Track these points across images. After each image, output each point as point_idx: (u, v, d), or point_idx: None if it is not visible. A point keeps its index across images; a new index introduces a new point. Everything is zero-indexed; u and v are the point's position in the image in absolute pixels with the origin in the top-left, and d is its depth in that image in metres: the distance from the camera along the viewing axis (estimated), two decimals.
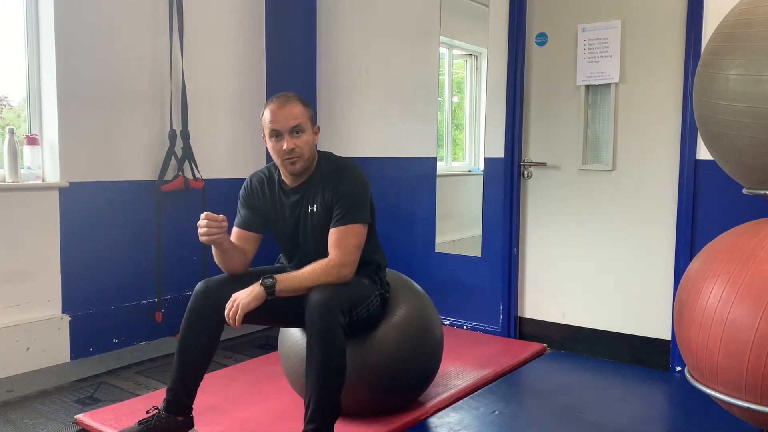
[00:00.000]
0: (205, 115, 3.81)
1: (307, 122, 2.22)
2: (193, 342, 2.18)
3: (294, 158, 2.20)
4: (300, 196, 2.29)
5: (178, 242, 3.69)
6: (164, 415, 2.17)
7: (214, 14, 3.88)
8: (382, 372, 2.32)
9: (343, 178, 2.25)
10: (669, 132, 3.08)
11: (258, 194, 2.36)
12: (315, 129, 2.28)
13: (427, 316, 2.50)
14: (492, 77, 3.56)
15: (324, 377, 1.99)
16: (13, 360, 3.01)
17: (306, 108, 2.25)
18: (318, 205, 2.25)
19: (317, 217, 2.25)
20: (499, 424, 2.44)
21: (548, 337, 3.47)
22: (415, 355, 2.40)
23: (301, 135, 2.20)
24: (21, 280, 3.07)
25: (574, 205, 3.38)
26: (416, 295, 2.53)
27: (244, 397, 2.64)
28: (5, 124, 3.22)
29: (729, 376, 1.93)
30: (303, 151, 2.20)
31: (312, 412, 1.99)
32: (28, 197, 3.08)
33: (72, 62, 3.19)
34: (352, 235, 2.19)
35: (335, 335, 2.01)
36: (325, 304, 2.02)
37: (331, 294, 2.05)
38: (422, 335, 2.44)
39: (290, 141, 2.17)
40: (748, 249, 1.97)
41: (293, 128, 2.18)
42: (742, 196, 2.38)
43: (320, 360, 1.99)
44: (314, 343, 2.01)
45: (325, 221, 2.24)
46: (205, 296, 2.18)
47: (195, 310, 2.18)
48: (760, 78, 1.94)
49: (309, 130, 2.23)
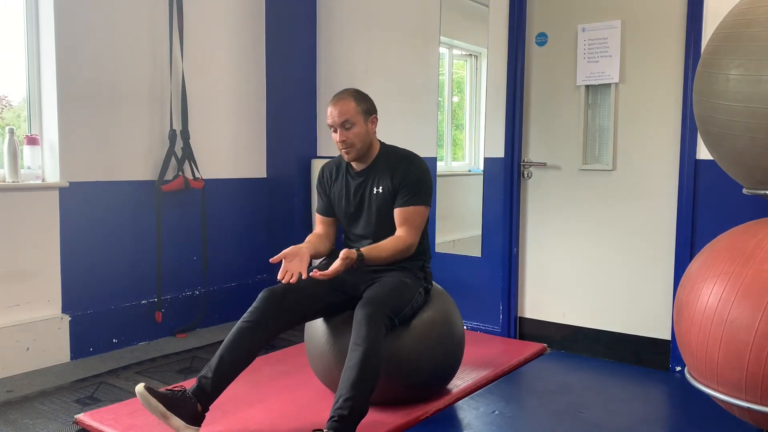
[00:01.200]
0: (205, 115, 3.82)
1: (357, 116, 2.45)
2: (239, 344, 2.28)
3: (347, 148, 2.46)
4: (364, 179, 2.55)
5: (178, 242, 3.69)
6: (189, 396, 2.21)
7: (214, 14, 3.88)
8: (411, 366, 2.44)
9: (411, 165, 2.51)
10: (669, 132, 3.08)
11: (328, 180, 2.65)
12: (371, 119, 2.51)
13: (450, 316, 2.63)
14: (492, 77, 3.56)
15: (361, 375, 2.10)
16: (13, 360, 3.01)
17: (359, 103, 2.47)
18: (384, 187, 2.50)
19: (381, 198, 2.50)
20: (499, 424, 2.44)
21: (548, 337, 3.47)
22: (439, 349, 2.53)
23: (352, 128, 2.44)
24: (21, 280, 3.07)
25: (574, 205, 3.38)
26: (440, 295, 2.66)
27: (244, 397, 2.64)
28: (5, 124, 3.22)
29: (729, 376, 1.93)
30: (354, 141, 2.45)
31: (344, 401, 2.07)
32: (28, 197, 3.08)
33: (72, 62, 3.19)
34: (418, 215, 2.47)
35: (377, 341, 2.16)
36: (374, 311, 2.20)
37: (382, 300, 2.25)
38: (445, 332, 2.56)
39: (342, 134, 2.44)
40: (748, 249, 1.97)
41: (343, 123, 2.43)
42: (742, 196, 2.38)
43: (360, 361, 2.11)
44: (357, 344, 2.15)
45: (389, 201, 2.49)
46: (269, 302, 2.32)
47: (257, 313, 2.31)
48: (760, 78, 1.94)
49: (360, 123, 2.45)
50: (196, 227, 3.78)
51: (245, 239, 4.10)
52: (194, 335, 3.68)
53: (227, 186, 3.98)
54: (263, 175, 4.23)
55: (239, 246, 4.06)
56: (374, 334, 2.16)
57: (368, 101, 2.53)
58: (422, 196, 2.48)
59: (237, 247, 4.05)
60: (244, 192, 4.09)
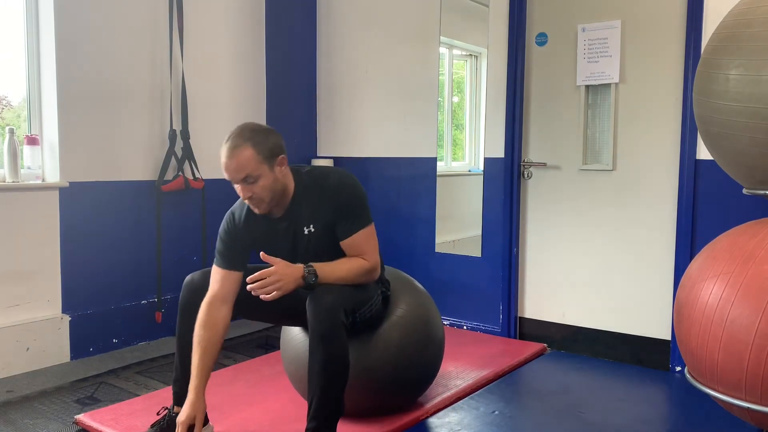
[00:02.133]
0: (205, 115, 3.81)
1: (260, 165, 2.06)
2: (188, 333, 2.15)
3: (256, 204, 2.12)
4: (289, 222, 2.19)
5: (178, 242, 3.69)
6: (176, 411, 2.17)
7: (214, 14, 3.88)
8: (384, 371, 2.32)
9: (337, 193, 2.16)
10: (669, 132, 3.08)
11: (243, 229, 2.23)
12: (278, 162, 2.11)
13: (428, 314, 2.50)
14: (492, 77, 3.56)
15: (326, 378, 2.00)
16: (13, 360, 3.01)
17: (258, 149, 2.07)
18: (315, 225, 2.17)
19: (316, 237, 2.17)
20: (499, 424, 2.44)
21: (548, 337, 3.47)
22: (416, 354, 2.39)
23: (257, 181, 2.07)
24: (21, 280, 3.07)
25: (575, 206, 3.38)
26: (417, 294, 2.53)
27: (244, 397, 2.64)
28: (5, 124, 3.22)
29: (729, 376, 1.93)
30: (262, 195, 2.09)
31: (314, 410, 2.00)
32: (28, 197, 3.08)
33: (72, 62, 3.19)
34: (369, 237, 2.19)
35: (337, 336, 2.00)
36: (327, 306, 2.00)
37: (334, 296, 2.03)
38: (423, 334, 2.43)
39: (246, 189, 2.09)
40: (748, 249, 1.97)
41: (245, 179, 2.07)
42: (742, 196, 2.38)
43: (323, 361, 1.99)
44: (316, 345, 2.00)
45: (325, 238, 2.17)
46: (190, 288, 2.20)
47: (185, 306, 2.20)
48: (760, 78, 1.94)
49: (266, 173, 2.08)
50: (196, 227, 3.78)
51: None
52: None
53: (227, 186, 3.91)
54: None
55: None
56: (330, 330, 1.98)
57: (269, 139, 2.12)
58: (363, 216, 2.17)
59: None
60: None
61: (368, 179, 4.04)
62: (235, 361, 3.18)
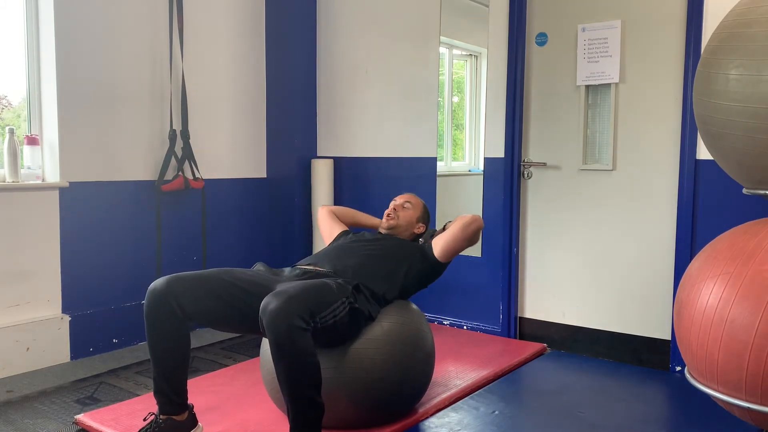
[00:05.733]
0: (205, 115, 3.82)
1: (416, 209, 2.86)
2: (159, 343, 2.13)
3: (391, 216, 2.82)
4: (383, 236, 2.78)
5: (178, 242, 3.69)
6: (162, 419, 2.16)
7: (214, 14, 3.88)
8: (368, 389, 2.23)
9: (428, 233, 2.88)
10: (669, 132, 3.08)
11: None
12: (419, 225, 2.84)
13: (416, 327, 2.38)
14: (492, 77, 3.56)
15: (292, 385, 1.94)
16: (13, 360, 3.01)
17: (423, 207, 2.89)
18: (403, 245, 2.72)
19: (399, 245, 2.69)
20: (499, 424, 2.44)
21: (548, 337, 3.47)
22: (402, 371, 2.30)
23: (407, 210, 2.83)
24: (21, 280, 3.07)
25: (575, 205, 3.38)
26: (404, 308, 2.43)
27: (244, 397, 2.64)
28: (5, 124, 3.22)
29: (729, 376, 1.93)
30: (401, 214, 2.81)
31: (292, 420, 1.98)
32: (28, 197, 3.08)
33: (72, 62, 3.19)
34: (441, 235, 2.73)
35: (294, 340, 1.92)
36: (279, 311, 1.92)
37: (285, 300, 1.96)
38: (411, 349, 2.33)
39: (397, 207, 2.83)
40: (748, 249, 1.97)
41: (403, 203, 2.86)
42: (742, 196, 2.38)
43: (286, 369, 1.93)
44: (275, 354, 1.94)
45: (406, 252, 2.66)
46: (152, 297, 2.13)
47: (150, 314, 2.13)
48: (760, 78, 1.94)
49: (415, 214, 2.84)
50: (196, 227, 3.78)
51: (245, 239, 4.10)
52: (194, 335, 3.64)
53: (227, 186, 3.98)
54: (263, 175, 4.23)
55: (239, 246, 4.06)
56: (285, 337, 1.90)
57: (427, 219, 2.87)
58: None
59: (237, 247, 4.05)
60: (244, 192, 4.09)
61: (368, 179, 4.04)
62: (235, 361, 3.18)
